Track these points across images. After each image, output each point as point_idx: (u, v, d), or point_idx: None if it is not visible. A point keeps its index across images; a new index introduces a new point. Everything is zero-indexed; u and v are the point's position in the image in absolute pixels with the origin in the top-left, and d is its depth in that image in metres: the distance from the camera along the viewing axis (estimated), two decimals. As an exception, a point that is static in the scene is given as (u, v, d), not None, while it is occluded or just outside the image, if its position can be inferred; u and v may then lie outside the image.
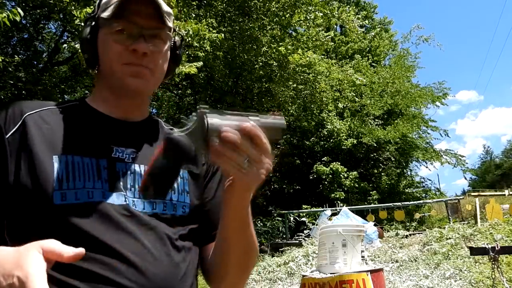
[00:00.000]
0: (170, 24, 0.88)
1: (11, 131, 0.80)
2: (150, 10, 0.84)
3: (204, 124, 0.67)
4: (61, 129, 0.84)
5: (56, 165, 0.79)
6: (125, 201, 0.81)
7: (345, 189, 15.23)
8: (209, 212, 0.94)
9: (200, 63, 7.19)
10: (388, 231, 11.00)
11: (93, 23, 0.88)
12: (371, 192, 15.92)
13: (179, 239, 0.85)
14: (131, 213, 0.80)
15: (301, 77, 11.47)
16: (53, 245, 0.60)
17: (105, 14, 0.84)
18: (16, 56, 10.54)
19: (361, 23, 11.73)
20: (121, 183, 0.83)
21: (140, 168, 0.86)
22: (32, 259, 0.58)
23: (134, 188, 0.83)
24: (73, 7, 6.29)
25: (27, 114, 0.83)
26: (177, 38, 0.96)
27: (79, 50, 5.31)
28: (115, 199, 0.80)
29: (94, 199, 0.78)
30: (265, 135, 0.69)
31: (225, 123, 0.68)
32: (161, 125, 1.00)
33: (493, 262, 3.59)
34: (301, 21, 10.46)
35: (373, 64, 19.14)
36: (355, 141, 16.34)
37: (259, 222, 14.01)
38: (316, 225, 10.39)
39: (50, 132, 0.82)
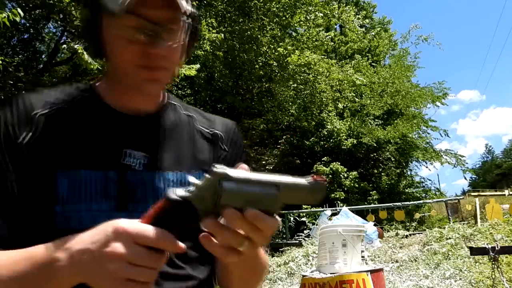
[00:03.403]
0: (187, 6, 0.77)
1: (28, 136, 0.75)
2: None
3: (216, 188, 0.59)
4: (70, 134, 0.77)
5: (60, 183, 0.73)
6: None
7: (345, 189, 15.23)
8: None
9: (197, 66, 7.20)
10: (388, 231, 10.99)
11: (92, 3, 0.77)
12: (371, 192, 15.92)
13: (190, 250, 0.79)
14: None
15: (301, 77, 11.47)
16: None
17: (112, 6, 0.72)
18: (16, 56, 10.54)
19: (360, 22, 11.73)
20: (131, 198, 0.77)
21: (151, 177, 0.79)
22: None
23: (145, 201, 0.76)
24: (73, 8, 6.29)
25: (38, 113, 0.77)
26: (193, 10, 0.82)
27: (79, 51, 5.31)
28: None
29: (98, 224, 0.71)
30: (278, 205, 0.61)
31: (244, 191, 0.59)
32: (179, 111, 0.91)
33: (493, 262, 3.59)
34: (301, 21, 10.46)
35: (373, 64, 19.14)
36: (355, 141, 16.34)
37: (259, 222, 14.00)
38: (316, 225, 10.39)
39: (58, 139, 0.76)
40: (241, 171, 0.61)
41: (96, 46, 0.80)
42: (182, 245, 0.59)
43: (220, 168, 0.59)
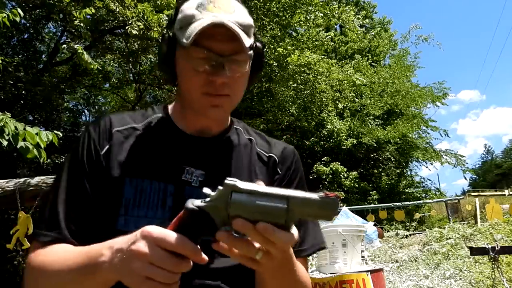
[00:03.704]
0: (250, 41, 0.85)
1: (105, 148, 0.87)
2: (228, 33, 0.80)
3: (227, 200, 0.63)
4: (140, 149, 0.88)
5: (126, 189, 0.83)
6: None
7: (345, 189, 15.22)
8: None
9: None
10: (388, 231, 11.00)
11: (169, 39, 0.87)
12: (371, 192, 15.92)
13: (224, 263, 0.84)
14: None
15: (301, 77, 11.46)
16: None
17: (184, 41, 0.81)
18: (16, 56, 10.54)
19: (360, 22, 11.73)
20: None
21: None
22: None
23: None
24: (72, 8, 6.30)
25: (115, 129, 0.89)
26: (258, 44, 0.91)
27: (79, 51, 5.31)
28: None
29: None
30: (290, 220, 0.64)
31: (254, 204, 0.62)
32: (241, 135, 0.99)
33: (493, 262, 3.59)
34: (301, 21, 10.45)
35: (373, 64, 19.13)
36: (355, 141, 16.33)
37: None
38: (316, 225, 10.37)
39: (130, 152, 0.87)
40: (253, 184, 0.64)
41: (170, 75, 0.91)
42: (203, 255, 0.64)
43: (230, 180, 0.63)
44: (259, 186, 0.64)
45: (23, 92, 9.53)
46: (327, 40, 11.51)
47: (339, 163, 15.56)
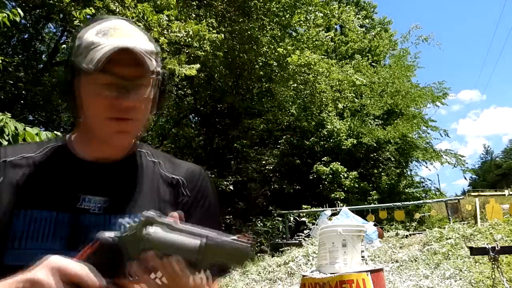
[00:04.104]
0: (154, 66, 0.85)
1: None
2: (131, 58, 0.80)
3: (141, 234, 0.63)
4: (32, 179, 0.84)
5: (15, 222, 0.78)
6: None
7: (345, 189, 15.22)
8: None
9: (197, 66, 7.20)
10: (388, 231, 11.00)
11: (70, 67, 0.85)
12: (371, 192, 15.91)
13: None
14: None
15: (301, 77, 11.47)
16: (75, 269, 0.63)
17: (87, 66, 0.79)
18: (16, 56, 10.55)
19: (360, 22, 11.73)
20: (82, 239, 0.79)
21: (107, 220, 0.83)
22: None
23: None
24: (72, 8, 6.30)
25: (7, 160, 0.85)
26: (164, 73, 0.91)
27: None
28: None
29: None
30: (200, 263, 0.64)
31: (168, 240, 0.63)
32: (144, 158, 0.96)
33: (493, 262, 3.59)
34: (301, 21, 10.46)
35: (373, 64, 19.13)
36: (355, 141, 16.33)
37: (259, 222, 14.02)
38: (316, 225, 10.39)
39: (21, 183, 0.83)
40: (170, 220, 0.64)
41: (71, 102, 0.86)
42: (103, 282, 0.63)
43: (148, 213, 0.63)
44: (176, 222, 0.64)
45: (23, 92, 9.54)
46: (327, 40, 11.52)
47: (339, 163, 15.55)
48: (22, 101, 10.06)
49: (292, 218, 13.71)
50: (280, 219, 13.90)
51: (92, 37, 0.82)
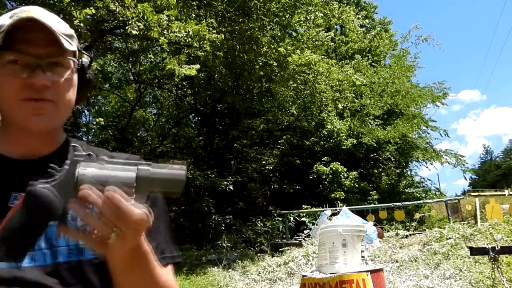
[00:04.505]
0: (72, 47, 0.80)
1: None
2: (43, 36, 0.76)
3: (74, 174, 0.59)
4: None
5: None
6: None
7: (345, 189, 15.22)
8: None
9: (197, 66, 7.19)
10: (388, 231, 11.00)
11: None
12: (371, 192, 15.92)
13: (93, 285, 0.77)
14: (22, 277, 0.72)
15: (301, 77, 11.47)
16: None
17: None
18: (16, 56, 10.55)
19: (360, 22, 11.72)
20: None
21: None
22: None
23: None
24: (72, 8, 6.30)
25: None
26: (84, 59, 0.87)
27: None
28: (3, 263, 0.72)
29: None
30: (145, 193, 0.61)
31: (102, 174, 0.59)
32: (78, 151, 0.91)
33: (493, 262, 3.59)
34: (301, 22, 10.45)
35: (373, 64, 19.13)
36: (355, 141, 16.33)
37: (259, 222, 14.02)
38: (316, 225, 10.39)
39: None
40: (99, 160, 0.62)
41: None
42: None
43: (77, 156, 0.61)
44: (104, 160, 0.62)
45: None
46: (327, 40, 11.52)
47: (339, 163, 15.56)
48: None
49: (292, 218, 13.72)
50: (280, 219, 13.91)
51: (3, 20, 0.78)
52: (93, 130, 17.37)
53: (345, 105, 14.86)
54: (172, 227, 0.91)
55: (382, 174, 17.36)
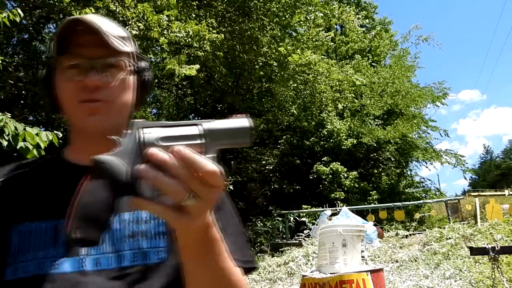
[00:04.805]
0: (125, 48, 0.81)
1: None
2: (95, 38, 0.77)
3: (138, 138, 0.54)
4: (26, 193, 0.81)
5: (13, 237, 0.76)
6: (81, 266, 0.74)
7: (345, 189, 15.23)
8: None
9: (197, 66, 7.19)
10: (388, 231, 11.00)
11: (48, 64, 0.82)
12: (371, 192, 15.92)
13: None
14: (86, 281, 0.73)
15: (301, 77, 11.47)
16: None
17: (52, 53, 0.79)
18: (16, 56, 10.55)
19: (361, 22, 11.72)
20: None
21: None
22: None
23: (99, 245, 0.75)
24: (72, 8, 6.30)
25: None
26: (143, 63, 0.87)
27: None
28: (68, 266, 0.73)
29: (43, 271, 0.72)
30: (216, 147, 0.57)
31: (167, 134, 0.55)
32: None
33: (493, 262, 3.60)
34: (301, 22, 10.45)
35: (373, 64, 19.14)
36: (355, 141, 16.34)
37: (259, 222, 14.02)
38: (316, 225, 10.40)
39: (14, 199, 0.80)
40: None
41: (50, 99, 0.84)
42: None
43: (135, 120, 0.56)
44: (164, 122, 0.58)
45: (23, 92, 9.54)
46: (327, 40, 11.52)
47: (339, 163, 15.56)
48: (22, 101, 10.06)
49: (292, 218, 13.72)
50: (280, 219, 13.90)
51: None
52: (93, 130, 17.37)
53: (345, 105, 14.87)
54: (244, 231, 0.86)
55: (382, 174, 17.37)
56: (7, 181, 0.83)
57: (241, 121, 0.60)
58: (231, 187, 14.49)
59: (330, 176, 15.37)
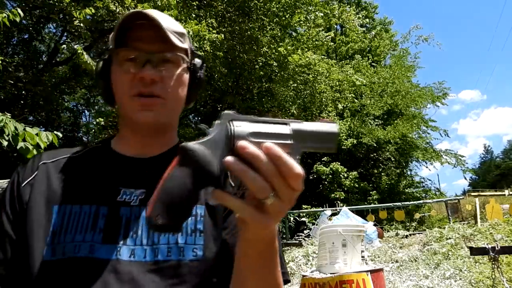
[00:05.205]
0: (182, 44, 0.82)
1: (27, 180, 0.82)
2: (153, 33, 0.78)
3: (229, 131, 0.53)
4: (71, 177, 0.83)
5: (55, 217, 0.78)
6: (116, 254, 0.74)
7: (345, 189, 15.23)
8: (233, 249, 0.75)
9: None
10: (388, 231, 11.01)
11: (106, 56, 0.85)
12: (371, 192, 15.92)
13: None
14: (119, 270, 0.73)
15: (301, 77, 11.47)
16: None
17: (111, 45, 0.81)
18: (16, 56, 10.55)
19: (361, 22, 11.72)
20: (122, 231, 0.77)
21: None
22: None
23: (136, 234, 0.77)
24: (72, 8, 6.30)
25: (41, 163, 0.85)
26: (197, 60, 0.88)
27: (78, 51, 5.32)
28: (104, 253, 0.74)
29: (79, 254, 0.73)
30: (300, 149, 0.56)
31: (257, 129, 0.54)
32: None
33: (493, 262, 3.60)
34: (301, 21, 10.45)
35: (373, 64, 19.15)
36: (355, 141, 16.34)
37: (259, 222, 14.01)
38: (316, 225, 10.39)
39: (58, 182, 0.82)
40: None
41: (106, 92, 0.86)
42: None
43: (227, 112, 0.55)
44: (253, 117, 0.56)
45: (23, 92, 9.54)
46: (327, 40, 11.51)
47: (339, 163, 15.56)
48: (22, 101, 10.07)
49: (292, 218, 13.71)
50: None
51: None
52: (93, 130, 17.37)
53: (345, 105, 14.86)
54: (280, 242, 0.83)
55: (382, 174, 17.37)
56: (56, 163, 0.86)
57: (330, 126, 0.59)
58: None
59: (330, 176, 15.37)
